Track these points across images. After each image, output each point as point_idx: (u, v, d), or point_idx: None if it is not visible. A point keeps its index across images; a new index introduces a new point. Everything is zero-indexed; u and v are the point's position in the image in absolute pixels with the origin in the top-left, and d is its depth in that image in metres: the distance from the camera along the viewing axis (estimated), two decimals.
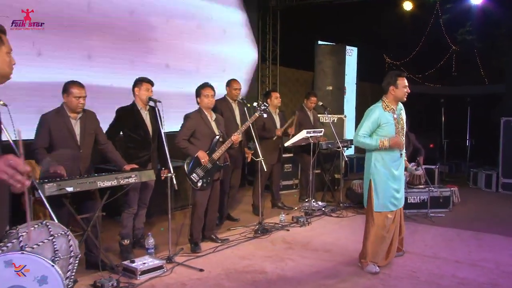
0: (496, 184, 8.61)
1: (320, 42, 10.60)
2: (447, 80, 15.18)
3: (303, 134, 6.25)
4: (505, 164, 8.45)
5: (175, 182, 4.49)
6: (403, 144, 4.47)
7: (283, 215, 6.21)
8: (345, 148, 7.24)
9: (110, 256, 4.49)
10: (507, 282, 4.17)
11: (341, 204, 7.01)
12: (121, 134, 4.84)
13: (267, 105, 5.45)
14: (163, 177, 4.66)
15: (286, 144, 6.54)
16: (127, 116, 4.76)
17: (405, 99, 4.42)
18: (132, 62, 6.92)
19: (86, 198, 4.15)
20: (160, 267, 4.30)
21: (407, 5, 11.47)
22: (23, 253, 2.44)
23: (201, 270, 4.35)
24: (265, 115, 5.48)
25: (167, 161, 4.50)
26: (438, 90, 14.91)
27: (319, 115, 7.79)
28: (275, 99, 6.67)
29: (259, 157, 5.49)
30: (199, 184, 4.83)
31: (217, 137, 4.93)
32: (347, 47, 10.83)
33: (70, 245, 2.92)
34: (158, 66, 7.40)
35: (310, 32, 11.84)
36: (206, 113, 4.96)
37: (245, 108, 5.60)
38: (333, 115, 9.04)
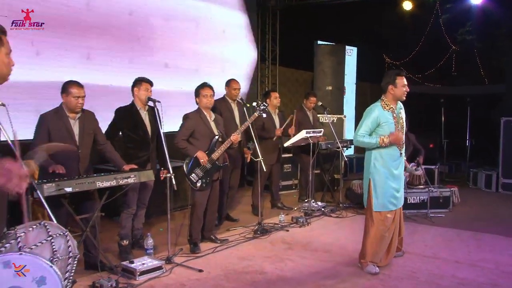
0: (496, 184, 8.59)
1: (320, 42, 10.59)
2: (447, 80, 15.17)
3: (303, 134, 6.24)
4: (505, 164, 8.44)
5: (174, 182, 4.48)
6: (403, 140, 4.45)
7: (283, 216, 6.20)
8: (345, 148, 7.24)
9: (109, 257, 4.47)
10: (507, 283, 4.16)
11: (341, 205, 7.00)
12: (120, 134, 4.83)
13: (266, 105, 5.44)
14: (162, 177, 4.65)
15: (286, 144, 6.53)
16: (126, 116, 4.75)
17: (405, 98, 4.41)
18: (131, 62, 6.91)
19: (85, 199, 4.14)
20: (159, 268, 4.29)
21: (407, 5, 11.46)
22: (22, 254, 2.43)
23: (201, 271, 4.35)
24: (265, 115, 5.48)
25: (166, 161, 4.49)
26: (438, 90, 14.90)
27: (319, 115, 7.78)
28: (275, 99, 6.66)
29: (259, 157, 5.48)
30: (198, 185, 4.82)
31: (216, 137, 4.92)
32: (347, 47, 10.83)
33: (69, 246, 2.91)
34: (157, 66, 7.38)
35: (310, 32, 11.83)
36: (205, 113, 4.95)
37: (245, 108, 5.59)
38: (333, 115, 9.05)
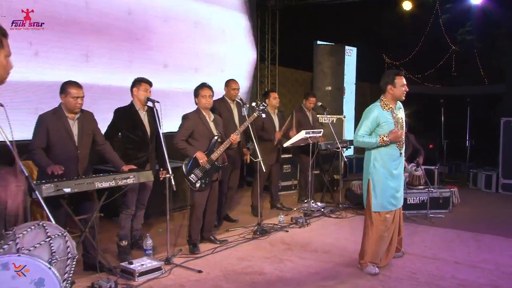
0: (496, 185, 8.58)
1: (319, 42, 10.59)
2: (447, 80, 15.17)
3: (302, 135, 6.23)
4: (505, 165, 8.43)
5: (174, 183, 4.46)
6: (403, 139, 4.43)
7: (282, 216, 6.19)
8: (344, 149, 7.22)
9: (108, 258, 4.45)
10: (507, 283, 4.15)
11: (340, 205, 6.98)
12: (120, 135, 4.81)
13: (266, 105, 5.42)
14: (162, 178, 4.63)
15: (285, 145, 6.52)
16: (125, 117, 4.73)
17: (404, 98, 4.39)
18: (130, 62, 6.90)
19: (84, 199, 4.12)
20: (158, 269, 4.27)
21: (407, 5, 11.45)
22: (20, 256, 2.42)
23: (200, 272, 4.33)
24: (264, 115, 5.46)
25: (166, 162, 4.47)
26: (438, 90, 14.90)
27: (318, 116, 7.77)
28: (274, 100, 6.63)
29: (258, 158, 5.47)
30: (198, 185, 4.80)
31: (216, 138, 4.91)
32: (346, 47, 10.82)
33: (68, 246, 2.90)
34: (156, 66, 7.38)
35: (309, 32, 11.84)
36: (204, 114, 4.93)
37: (244, 109, 5.58)
38: (332, 116, 9.05)
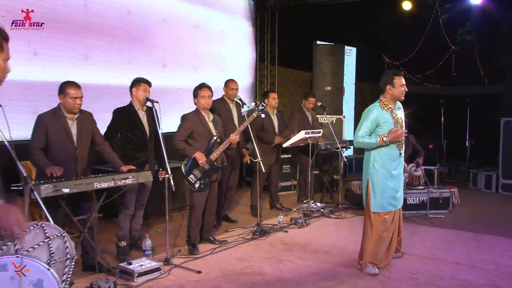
0: (496, 185, 8.57)
1: (319, 42, 10.57)
2: (447, 80, 15.17)
3: (302, 135, 6.21)
4: (505, 165, 8.42)
5: (173, 183, 4.45)
6: (403, 137, 4.40)
7: (282, 217, 6.18)
8: (344, 149, 7.22)
9: (107, 258, 4.45)
10: (507, 284, 4.14)
11: (340, 205, 6.97)
12: (119, 135, 4.80)
13: (265, 105, 5.42)
14: (161, 178, 4.62)
15: (285, 145, 6.50)
16: (124, 117, 4.72)
17: (403, 98, 4.38)
18: (129, 62, 6.90)
19: (83, 200, 4.11)
20: (158, 269, 4.26)
21: (406, 5, 11.44)
22: (18, 257, 2.40)
23: (199, 272, 4.32)
24: (263, 115, 5.45)
25: (165, 162, 4.46)
26: (438, 91, 14.90)
27: (318, 116, 7.76)
28: (273, 100, 6.62)
29: (258, 158, 5.46)
30: (197, 186, 4.79)
31: (215, 138, 4.90)
32: (346, 47, 10.81)
33: (66, 247, 2.88)
34: (155, 66, 7.37)
35: (309, 32, 11.84)
36: (204, 114, 4.92)
37: (243, 109, 5.56)
38: (332, 116, 9.04)
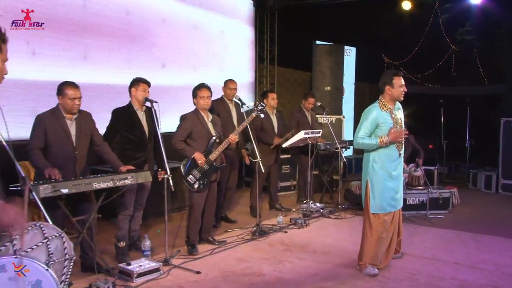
0: (496, 185, 8.56)
1: (318, 42, 10.56)
2: (446, 80, 15.17)
3: (301, 135, 6.20)
4: (505, 165, 8.41)
5: (172, 184, 4.44)
6: (403, 137, 4.38)
7: (281, 217, 6.17)
8: (344, 149, 7.21)
9: (106, 259, 4.44)
10: (507, 284, 4.13)
11: (340, 206, 6.95)
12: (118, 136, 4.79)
13: (264, 105, 5.40)
14: (160, 179, 4.61)
15: (284, 145, 6.49)
16: (123, 117, 4.71)
17: (402, 99, 4.36)
18: (128, 62, 6.88)
19: (82, 200, 4.09)
20: (157, 270, 4.25)
21: (406, 5, 11.43)
22: (17, 258, 2.39)
23: (198, 273, 4.31)
24: (262, 115, 5.44)
25: (164, 162, 4.45)
26: (437, 91, 14.89)
27: (317, 116, 7.75)
28: (272, 100, 6.61)
29: (257, 158, 5.45)
30: (196, 186, 4.78)
31: (214, 138, 4.89)
32: (346, 47, 10.81)
33: (65, 248, 2.88)
34: (155, 66, 7.35)
35: (308, 32, 11.82)
36: (203, 114, 4.91)
37: (242, 109, 5.55)
38: (331, 116, 9.03)
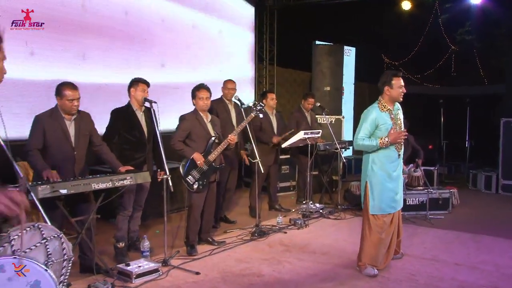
0: (496, 186, 8.55)
1: (318, 42, 10.55)
2: (446, 81, 15.16)
3: (301, 135, 6.20)
4: (505, 165, 8.40)
5: (171, 184, 4.43)
6: (403, 138, 4.37)
7: (280, 217, 6.16)
8: (343, 150, 7.19)
9: (105, 259, 4.43)
10: (507, 285, 4.12)
11: (339, 206, 6.94)
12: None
13: (263, 105, 5.39)
14: (160, 179, 4.60)
15: (283, 145, 6.48)
16: (122, 117, 4.70)
17: (401, 100, 4.33)
18: (127, 62, 6.87)
19: (80, 200, 4.08)
20: (156, 270, 4.24)
21: (406, 5, 11.42)
22: (16, 258, 2.38)
23: (197, 273, 4.30)
24: (261, 115, 5.42)
25: (163, 163, 4.45)
26: (437, 91, 14.89)
27: (317, 116, 7.74)
28: (271, 100, 6.60)
29: (256, 159, 5.44)
30: (195, 187, 4.77)
31: (213, 139, 4.88)
32: (345, 47, 10.79)
33: (64, 248, 2.88)
34: (154, 66, 7.34)
35: (308, 32, 11.80)
36: (202, 115, 4.90)
37: (242, 109, 5.55)
38: (331, 116, 9.01)
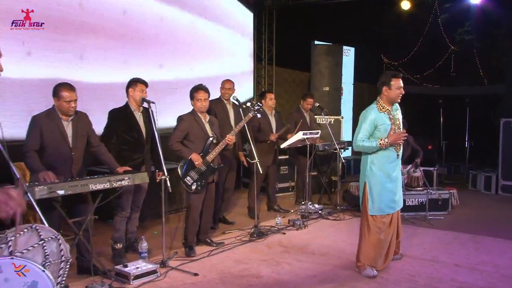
0: (496, 186, 8.54)
1: (317, 42, 10.54)
2: (446, 81, 15.15)
3: (299, 136, 6.18)
4: (505, 166, 8.39)
5: (169, 185, 4.42)
6: (403, 138, 4.35)
7: (279, 218, 6.15)
8: (342, 150, 7.17)
9: (103, 261, 4.42)
10: (507, 286, 4.12)
11: (338, 207, 6.92)
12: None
13: (261, 105, 5.38)
14: (158, 180, 4.58)
15: (282, 146, 6.47)
16: (120, 118, 4.68)
17: (399, 101, 4.31)
18: (126, 62, 6.85)
19: (78, 201, 4.07)
20: (154, 272, 4.23)
21: (405, 5, 11.40)
22: (13, 259, 2.37)
23: (196, 275, 4.29)
24: (259, 115, 5.41)
25: (161, 163, 4.43)
26: (437, 91, 14.87)
27: (316, 116, 7.73)
28: (270, 100, 6.59)
29: (255, 159, 5.42)
30: (194, 187, 4.76)
31: (211, 139, 4.87)
32: (344, 47, 10.78)
33: (61, 249, 2.86)
34: (152, 66, 7.32)
35: (306, 32, 11.78)
36: (200, 115, 4.89)
37: (240, 109, 5.53)
38: (330, 116, 9.00)
